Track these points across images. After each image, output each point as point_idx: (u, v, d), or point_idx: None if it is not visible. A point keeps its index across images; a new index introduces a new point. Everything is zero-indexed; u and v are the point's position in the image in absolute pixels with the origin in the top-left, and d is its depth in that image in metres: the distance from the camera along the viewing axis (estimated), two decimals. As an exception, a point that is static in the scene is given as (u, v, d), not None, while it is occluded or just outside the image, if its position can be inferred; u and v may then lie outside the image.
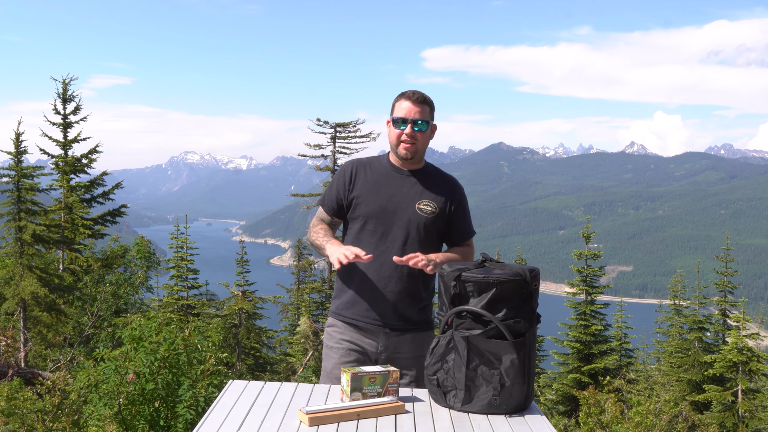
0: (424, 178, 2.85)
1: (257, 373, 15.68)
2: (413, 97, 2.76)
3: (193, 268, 14.94)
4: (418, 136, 2.76)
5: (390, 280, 2.79)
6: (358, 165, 2.88)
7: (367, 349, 2.86)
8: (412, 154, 2.78)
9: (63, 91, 12.77)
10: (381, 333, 2.83)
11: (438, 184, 2.85)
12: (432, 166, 2.93)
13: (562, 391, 13.92)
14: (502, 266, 2.48)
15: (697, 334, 14.43)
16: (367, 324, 2.84)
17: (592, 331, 14.08)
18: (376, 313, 2.82)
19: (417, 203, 2.79)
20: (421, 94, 2.78)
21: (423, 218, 2.78)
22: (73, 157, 12.83)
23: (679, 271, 16.48)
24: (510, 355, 2.37)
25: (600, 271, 14.56)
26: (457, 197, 2.88)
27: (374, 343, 2.85)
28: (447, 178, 2.91)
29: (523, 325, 2.39)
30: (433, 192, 2.82)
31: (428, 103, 2.80)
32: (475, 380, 2.40)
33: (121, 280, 10.12)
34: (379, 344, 2.84)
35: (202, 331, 4.28)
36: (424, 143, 2.80)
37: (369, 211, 2.80)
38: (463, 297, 2.41)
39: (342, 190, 2.86)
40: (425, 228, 2.78)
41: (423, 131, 2.77)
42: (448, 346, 2.45)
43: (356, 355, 2.85)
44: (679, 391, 13.66)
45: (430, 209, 2.79)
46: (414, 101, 2.76)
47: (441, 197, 2.83)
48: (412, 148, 2.77)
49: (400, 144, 2.78)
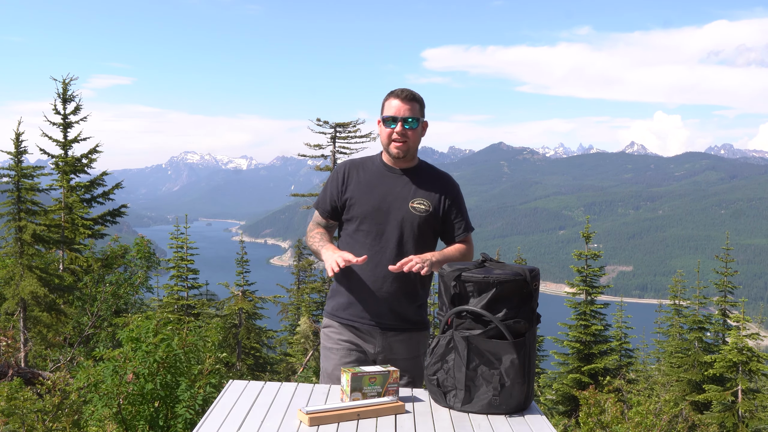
0: (417, 176, 2.83)
1: (257, 373, 15.67)
2: (402, 95, 2.74)
3: (193, 268, 14.95)
4: (409, 134, 2.75)
5: (386, 281, 2.78)
6: (351, 166, 2.87)
7: (366, 349, 2.85)
8: (404, 153, 2.77)
9: (63, 91, 12.76)
10: (378, 333, 2.83)
11: (431, 182, 2.83)
12: (425, 163, 2.91)
13: (562, 391, 13.92)
14: (502, 266, 2.48)
15: (697, 334, 14.43)
16: (363, 324, 2.83)
17: (592, 331, 14.08)
18: (373, 313, 2.81)
19: (410, 202, 2.77)
20: (410, 92, 2.76)
21: (417, 217, 2.77)
22: (73, 157, 12.83)
23: (679, 271, 16.48)
24: (510, 355, 2.36)
25: (600, 271, 14.56)
26: (451, 193, 2.86)
27: (372, 344, 2.84)
28: (440, 175, 2.89)
29: (523, 325, 2.38)
30: (427, 190, 2.81)
31: (418, 100, 2.77)
32: (475, 380, 2.40)
33: (121, 280, 10.12)
34: (376, 345, 2.83)
35: (199, 331, 4.28)
36: (415, 141, 2.78)
37: (363, 212, 2.79)
38: (463, 297, 2.41)
39: (335, 192, 2.85)
40: (419, 227, 2.77)
41: (414, 129, 2.75)
42: (448, 346, 2.44)
43: (357, 354, 2.84)
44: (679, 391, 13.65)
45: (424, 207, 2.78)
46: (403, 99, 2.74)
47: (434, 195, 2.81)
48: (404, 146, 2.75)
49: (391, 143, 2.76)
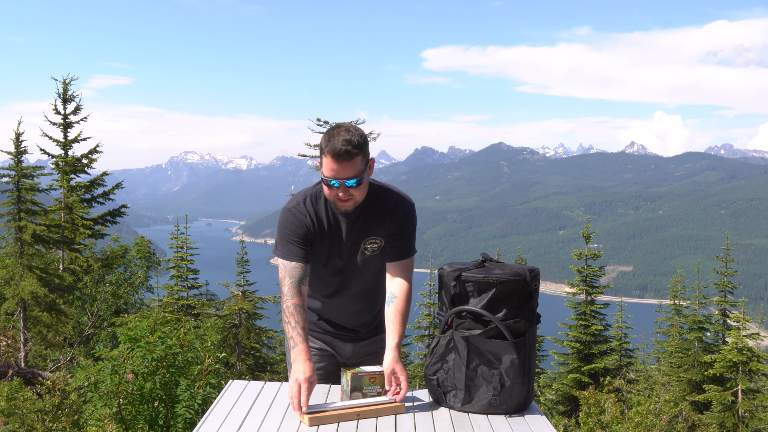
0: (367, 214, 2.71)
1: (257, 373, 15.67)
2: (337, 154, 2.46)
3: (193, 268, 14.96)
4: (353, 192, 2.58)
5: (353, 315, 2.86)
6: (309, 213, 2.69)
7: (338, 354, 2.93)
8: (354, 207, 2.64)
9: (63, 91, 12.76)
10: (349, 344, 2.92)
11: (378, 215, 2.72)
12: (373, 190, 2.72)
13: (562, 391, 13.93)
14: (502, 266, 2.48)
15: (697, 334, 14.44)
16: (335, 337, 2.91)
17: (592, 331, 14.08)
18: (344, 330, 2.90)
19: (363, 244, 2.73)
20: (346, 147, 2.45)
21: (371, 255, 2.75)
22: (74, 157, 12.83)
23: (679, 271, 16.49)
24: (510, 355, 2.36)
25: (600, 271, 14.57)
26: (396, 217, 2.73)
27: (343, 351, 2.92)
28: (386, 205, 2.73)
29: (523, 325, 2.38)
30: (376, 225, 2.72)
31: (356, 149, 2.48)
32: (475, 380, 2.40)
33: (121, 280, 10.12)
34: (347, 350, 2.92)
35: (197, 331, 4.28)
36: (362, 193, 2.61)
37: (320, 260, 2.74)
38: (463, 297, 2.41)
39: (305, 237, 2.67)
40: (374, 260, 2.77)
41: (358, 186, 2.57)
42: (448, 346, 2.44)
43: (329, 360, 2.90)
44: (679, 391, 13.66)
45: (376, 245, 2.73)
46: (339, 160, 2.47)
47: (384, 227, 2.73)
48: (350, 203, 2.61)
49: (337, 202, 2.61)
